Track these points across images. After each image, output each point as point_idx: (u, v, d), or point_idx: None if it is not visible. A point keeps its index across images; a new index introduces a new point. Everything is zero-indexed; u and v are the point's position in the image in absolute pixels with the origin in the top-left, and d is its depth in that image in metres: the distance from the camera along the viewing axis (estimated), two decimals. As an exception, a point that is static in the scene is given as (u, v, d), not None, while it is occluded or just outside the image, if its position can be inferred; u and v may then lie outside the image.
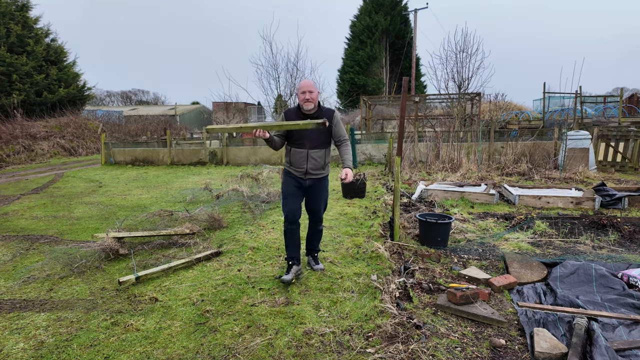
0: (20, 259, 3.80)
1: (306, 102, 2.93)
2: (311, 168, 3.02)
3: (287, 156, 3.11)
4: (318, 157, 3.02)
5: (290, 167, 3.09)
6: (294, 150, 3.04)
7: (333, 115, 3.05)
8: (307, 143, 2.99)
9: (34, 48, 17.82)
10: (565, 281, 2.93)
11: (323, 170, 3.10)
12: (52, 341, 2.31)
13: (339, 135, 3.10)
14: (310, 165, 3.01)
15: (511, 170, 8.80)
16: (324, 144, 3.05)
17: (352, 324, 2.42)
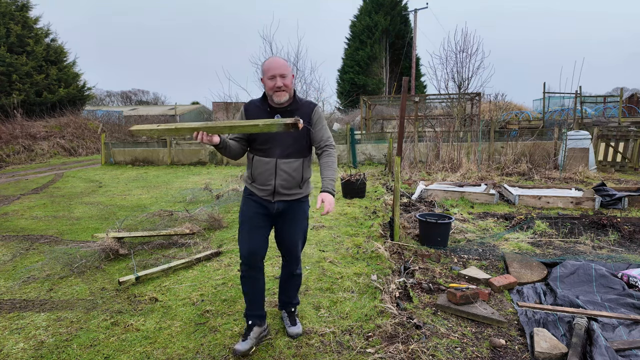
0: (20, 259, 3.80)
1: (278, 91, 2.04)
2: (282, 186, 2.11)
3: (248, 169, 2.20)
4: (292, 171, 2.11)
5: (253, 184, 2.17)
6: (257, 159, 2.13)
7: (313, 111, 2.15)
8: (276, 149, 2.09)
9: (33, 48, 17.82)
10: (565, 281, 2.93)
11: (300, 190, 2.18)
12: (52, 341, 2.31)
13: (320, 139, 2.17)
14: (280, 181, 2.10)
15: (511, 170, 8.80)
16: (301, 152, 2.13)
17: (352, 324, 2.42)
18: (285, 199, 2.15)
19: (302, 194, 2.21)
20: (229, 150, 2.10)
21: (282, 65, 2.06)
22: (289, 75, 2.07)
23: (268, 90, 2.07)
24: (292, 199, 2.17)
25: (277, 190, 2.12)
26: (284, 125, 1.72)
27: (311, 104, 2.20)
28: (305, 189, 2.23)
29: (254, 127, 1.80)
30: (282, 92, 2.05)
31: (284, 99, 2.06)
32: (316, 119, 2.16)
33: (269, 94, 2.08)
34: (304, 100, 2.20)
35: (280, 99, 2.05)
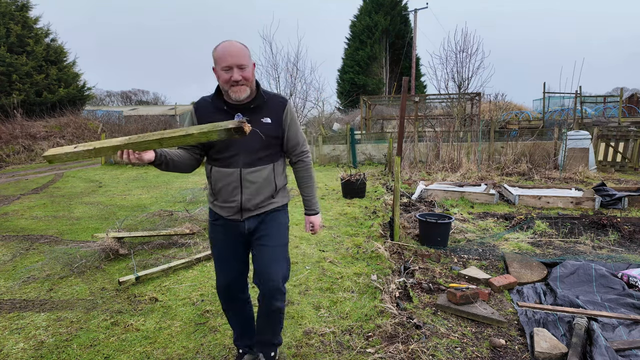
0: (20, 259, 3.80)
1: (234, 86, 1.60)
2: (250, 200, 1.72)
3: (209, 184, 1.80)
4: (262, 180, 1.72)
5: (215, 202, 1.78)
6: (216, 171, 1.72)
7: (285, 109, 1.73)
8: (239, 157, 1.68)
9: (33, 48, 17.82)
10: (565, 281, 2.93)
11: (273, 199, 1.79)
12: (52, 341, 2.31)
13: (295, 144, 1.79)
14: (247, 195, 1.71)
15: (511, 170, 8.81)
16: (270, 157, 1.74)
17: (352, 324, 2.42)
18: (256, 213, 1.75)
19: (278, 204, 1.80)
20: (175, 165, 1.65)
21: (240, 52, 1.58)
22: (250, 66, 1.61)
23: (222, 84, 1.62)
24: (265, 211, 1.76)
25: (244, 207, 1.71)
26: (225, 131, 1.32)
27: (281, 100, 1.74)
28: (282, 197, 1.82)
29: (187, 137, 1.36)
30: (241, 87, 1.60)
31: (243, 95, 1.62)
32: (289, 119, 1.74)
33: (224, 88, 1.63)
34: (271, 94, 1.74)
35: (238, 95, 1.61)
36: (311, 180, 1.87)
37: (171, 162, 1.64)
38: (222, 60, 1.58)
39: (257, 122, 1.66)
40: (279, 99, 1.75)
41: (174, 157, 1.65)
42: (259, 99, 1.69)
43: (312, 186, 1.88)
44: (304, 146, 1.83)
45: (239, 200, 1.72)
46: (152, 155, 1.51)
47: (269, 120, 1.70)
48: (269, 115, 1.70)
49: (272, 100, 1.73)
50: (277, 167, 1.78)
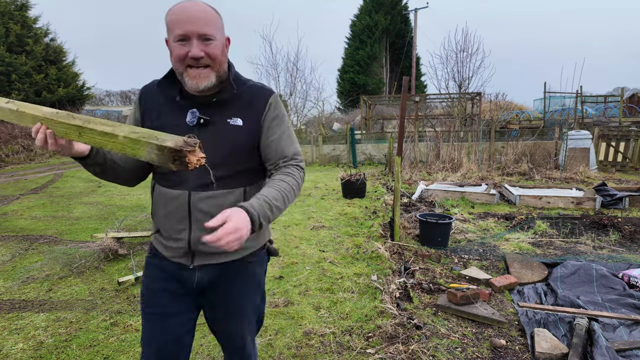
0: (19, 259, 3.79)
1: (192, 67, 1.07)
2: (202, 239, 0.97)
3: (152, 209, 1.26)
4: (221, 207, 1.02)
5: (157, 235, 1.24)
6: (159, 192, 1.20)
7: (267, 105, 1.18)
8: (188, 173, 1.13)
9: (33, 48, 17.81)
10: (566, 281, 2.93)
11: (245, 243, 1.04)
12: (51, 341, 2.30)
13: (277, 153, 1.18)
14: (199, 232, 1.13)
15: (512, 170, 8.80)
16: (239, 177, 1.18)
17: (352, 324, 2.42)
18: (212, 262, 1.18)
19: (248, 250, 1.21)
20: (115, 171, 1.15)
21: (204, 15, 1.05)
22: (218, 37, 1.07)
23: (175, 62, 1.07)
24: (228, 260, 1.19)
25: (194, 248, 1.15)
26: (158, 149, 0.80)
27: (263, 91, 1.19)
28: (256, 239, 1.23)
29: (111, 137, 0.87)
30: (202, 71, 1.06)
31: (204, 84, 1.07)
32: (271, 118, 1.17)
33: (177, 70, 1.09)
34: (248, 83, 1.19)
35: (197, 82, 1.06)
36: (280, 185, 1.08)
37: (110, 166, 1.13)
38: (176, 26, 1.03)
39: (221, 125, 1.12)
40: (258, 90, 1.18)
41: (117, 160, 1.15)
42: (228, 90, 1.12)
43: (279, 189, 1.07)
44: (295, 157, 1.18)
45: (186, 239, 1.14)
46: (85, 148, 1.04)
47: (239, 121, 1.13)
48: (240, 114, 1.13)
49: (248, 92, 1.16)
50: (250, 192, 1.15)
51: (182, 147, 0.75)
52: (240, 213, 0.93)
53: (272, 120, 1.18)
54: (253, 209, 0.97)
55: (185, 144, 0.76)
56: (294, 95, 14.47)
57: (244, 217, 0.93)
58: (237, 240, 0.89)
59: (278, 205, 1.05)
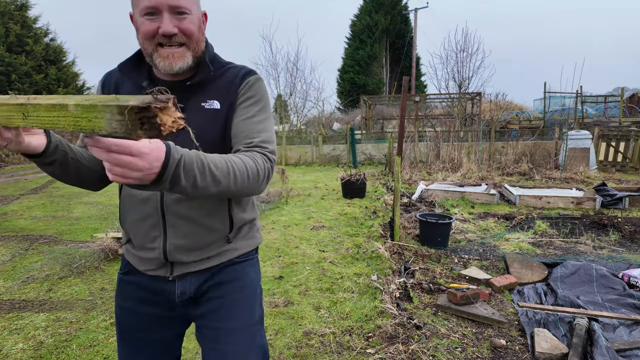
0: (19, 259, 3.79)
1: (164, 47, 0.92)
2: (181, 247, 0.98)
3: (120, 215, 1.07)
4: (203, 214, 0.99)
5: (128, 245, 1.06)
6: (128, 193, 1.02)
7: (242, 84, 1.01)
8: None
9: (33, 48, 17.81)
10: (566, 281, 2.93)
11: (228, 245, 1.04)
12: (51, 341, 2.30)
13: (245, 135, 0.97)
14: (175, 239, 0.98)
15: (512, 170, 8.80)
16: None
17: (352, 324, 2.42)
18: (197, 269, 1.01)
19: (237, 252, 1.05)
20: (79, 170, 0.94)
21: None
22: (194, 11, 0.94)
23: (144, 41, 0.92)
24: (213, 265, 1.02)
25: (172, 259, 0.99)
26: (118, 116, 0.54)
27: (242, 71, 1.03)
28: (245, 240, 1.08)
29: (60, 110, 0.63)
30: (176, 51, 0.92)
31: (179, 65, 0.93)
32: (245, 98, 1.00)
33: (146, 50, 0.93)
34: (231, 65, 1.05)
35: (170, 63, 0.92)
36: (240, 165, 0.85)
37: (73, 165, 0.92)
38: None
39: (194, 110, 0.96)
40: (238, 70, 1.03)
41: (81, 158, 0.94)
42: (203, 71, 0.97)
43: (232, 165, 0.84)
44: (262, 145, 0.96)
45: (160, 248, 0.97)
46: (41, 142, 0.82)
47: (216, 104, 0.97)
48: (217, 97, 0.98)
49: (227, 74, 1.01)
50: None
51: (150, 104, 0.52)
52: (156, 143, 0.65)
53: (246, 100, 1.00)
54: (176, 151, 0.69)
55: (154, 99, 0.53)
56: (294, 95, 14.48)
57: (156, 152, 0.64)
58: (123, 171, 0.61)
59: (215, 175, 0.78)
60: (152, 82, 0.99)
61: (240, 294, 1.06)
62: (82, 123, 0.60)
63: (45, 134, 0.84)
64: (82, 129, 0.60)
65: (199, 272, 1.02)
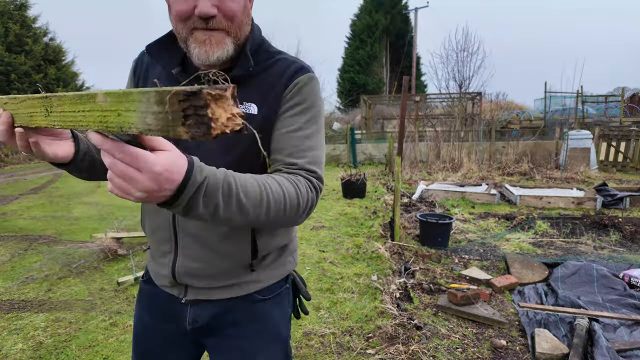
0: (18, 259, 3.79)
1: (200, 30, 0.74)
2: (191, 268, 0.84)
3: (142, 217, 0.96)
4: (218, 233, 0.81)
5: (149, 253, 0.96)
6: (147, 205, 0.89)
7: (290, 86, 0.81)
8: None
9: (32, 47, 17.81)
10: (567, 282, 2.92)
11: (251, 274, 0.86)
12: (50, 342, 2.30)
13: (288, 151, 0.79)
14: (185, 257, 0.84)
15: (512, 170, 8.79)
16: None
17: (352, 324, 2.41)
18: (208, 297, 0.87)
19: (259, 284, 0.88)
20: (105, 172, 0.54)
21: None
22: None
23: (177, 23, 0.76)
24: (229, 296, 0.87)
25: (180, 279, 0.86)
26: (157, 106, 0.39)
27: (292, 67, 0.84)
28: (271, 268, 0.90)
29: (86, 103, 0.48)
30: (215, 35, 0.75)
31: (217, 54, 0.76)
32: (292, 104, 0.82)
33: (180, 34, 0.78)
34: (280, 57, 0.85)
35: (208, 51, 0.76)
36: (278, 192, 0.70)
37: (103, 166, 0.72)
38: None
39: None
40: (286, 66, 0.83)
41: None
42: (244, 61, 0.79)
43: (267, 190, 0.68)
44: (309, 169, 0.79)
45: (170, 263, 0.86)
46: (68, 150, 0.71)
47: (254, 108, 0.80)
48: (256, 98, 0.80)
49: (274, 68, 0.83)
50: None
51: (202, 89, 0.37)
52: (179, 160, 0.52)
53: (292, 107, 0.81)
54: (200, 173, 0.56)
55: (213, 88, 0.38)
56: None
57: (169, 174, 0.50)
58: (124, 185, 0.49)
59: (244, 204, 0.63)
60: (185, 69, 0.84)
61: (260, 340, 0.88)
62: (110, 118, 0.47)
63: (73, 139, 0.73)
64: (109, 127, 0.46)
65: (213, 302, 0.87)
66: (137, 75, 0.91)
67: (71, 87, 19.92)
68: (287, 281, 0.95)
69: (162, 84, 0.42)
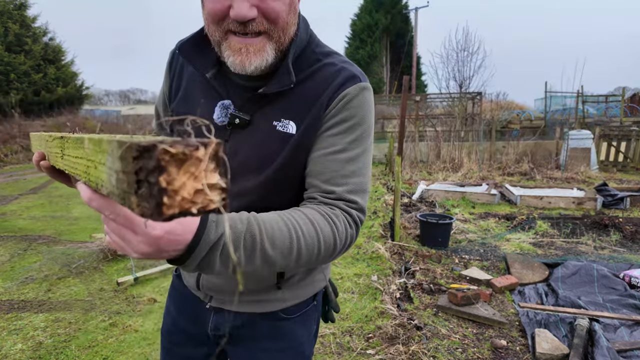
0: (18, 260, 3.79)
1: (237, 36, 0.63)
2: (216, 285, 0.80)
3: None
4: None
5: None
6: None
7: (336, 98, 0.68)
8: None
9: (31, 47, 17.80)
10: (567, 282, 2.92)
11: (277, 293, 0.80)
12: (50, 342, 2.29)
13: (326, 177, 0.68)
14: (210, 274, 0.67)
15: (513, 170, 8.79)
16: (280, 204, 0.68)
17: (352, 325, 2.41)
18: (232, 308, 0.83)
19: (285, 303, 0.82)
20: None
21: None
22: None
23: (209, 24, 0.66)
24: (252, 311, 0.82)
25: (204, 287, 0.82)
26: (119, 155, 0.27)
27: (338, 77, 0.70)
28: (298, 288, 0.83)
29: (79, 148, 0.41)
30: (253, 42, 0.64)
31: (254, 64, 0.64)
32: (335, 122, 0.70)
33: (213, 37, 0.67)
34: (326, 61, 0.73)
35: (244, 61, 0.64)
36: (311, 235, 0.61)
37: None
38: None
39: (262, 128, 0.71)
40: (330, 75, 0.71)
41: None
42: (282, 77, 0.68)
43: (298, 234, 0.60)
44: (349, 199, 0.69)
45: (195, 274, 0.82)
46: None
47: (292, 126, 0.70)
48: (295, 115, 0.70)
49: (317, 76, 0.71)
50: None
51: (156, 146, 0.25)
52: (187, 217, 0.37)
53: (337, 125, 0.69)
54: (214, 230, 0.50)
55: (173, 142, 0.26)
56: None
57: (172, 235, 0.45)
58: (121, 245, 0.45)
59: (270, 256, 0.57)
60: (219, 74, 0.71)
61: (283, 359, 0.84)
62: (91, 170, 0.39)
63: None
64: (90, 180, 0.39)
65: (235, 314, 0.83)
66: (173, 71, 0.81)
67: (71, 86, 19.92)
68: (316, 298, 0.88)
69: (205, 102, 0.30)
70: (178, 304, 0.92)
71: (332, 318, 0.96)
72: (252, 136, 0.71)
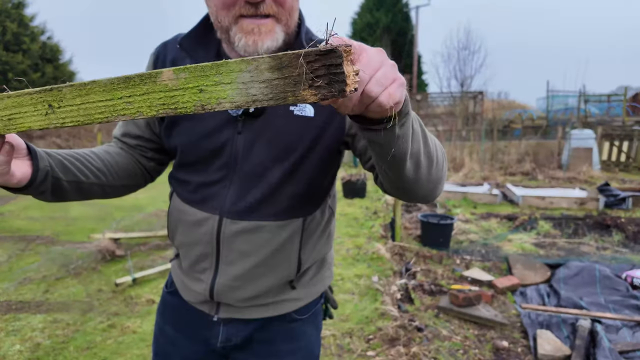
0: (16, 260, 3.78)
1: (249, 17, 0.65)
2: (232, 285, 0.78)
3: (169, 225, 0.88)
4: (267, 252, 0.76)
5: (176, 262, 0.89)
6: (179, 209, 0.82)
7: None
8: (226, 188, 0.75)
9: (29, 46, 17.82)
10: (569, 282, 2.89)
11: (291, 292, 0.83)
12: (48, 343, 2.28)
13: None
14: (228, 275, 0.77)
15: (514, 170, 8.76)
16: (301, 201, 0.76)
17: (352, 326, 2.39)
18: (245, 316, 0.82)
19: (299, 303, 0.84)
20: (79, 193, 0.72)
21: None
22: None
23: (217, 9, 0.66)
24: (267, 316, 0.83)
25: (218, 298, 0.80)
26: (270, 66, 0.37)
27: None
28: (310, 285, 0.85)
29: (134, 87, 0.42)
30: (263, 23, 0.66)
31: (266, 44, 0.67)
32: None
33: (220, 23, 0.68)
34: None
35: (256, 42, 0.66)
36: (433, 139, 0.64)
37: (73, 188, 0.70)
38: None
39: (279, 115, 0.72)
40: None
41: (86, 178, 0.71)
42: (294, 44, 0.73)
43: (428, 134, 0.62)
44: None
45: (208, 283, 0.79)
46: (25, 171, 0.59)
47: (309, 110, 0.72)
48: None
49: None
50: (310, 225, 0.79)
51: (338, 47, 0.36)
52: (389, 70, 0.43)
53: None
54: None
55: (343, 44, 0.37)
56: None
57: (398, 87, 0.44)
58: (400, 88, 0.44)
59: (428, 137, 0.60)
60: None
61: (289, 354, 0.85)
62: (180, 98, 0.40)
63: (30, 157, 0.60)
64: (177, 108, 0.40)
65: (247, 322, 0.82)
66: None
67: (71, 86, 19.91)
68: (322, 297, 0.92)
69: None
70: (176, 323, 0.88)
71: (331, 314, 0.99)
72: (269, 124, 0.72)
